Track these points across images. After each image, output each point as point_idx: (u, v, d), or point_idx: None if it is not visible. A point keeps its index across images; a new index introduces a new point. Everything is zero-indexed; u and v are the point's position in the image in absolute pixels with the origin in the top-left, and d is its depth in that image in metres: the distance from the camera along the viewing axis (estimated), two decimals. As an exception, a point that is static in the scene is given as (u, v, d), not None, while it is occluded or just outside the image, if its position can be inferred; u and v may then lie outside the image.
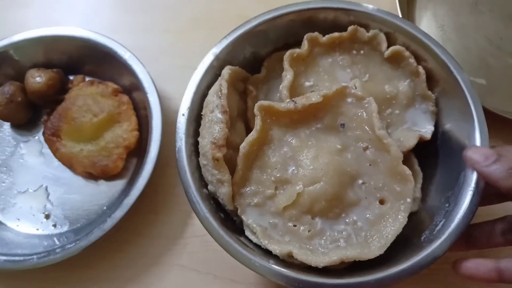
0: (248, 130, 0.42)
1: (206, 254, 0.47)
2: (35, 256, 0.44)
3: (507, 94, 0.53)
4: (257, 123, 0.37)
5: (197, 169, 0.39)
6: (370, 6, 0.43)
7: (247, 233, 0.38)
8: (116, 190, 0.50)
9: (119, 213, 0.44)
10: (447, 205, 0.38)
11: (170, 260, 0.47)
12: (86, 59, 0.54)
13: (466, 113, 0.39)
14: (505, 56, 0.55)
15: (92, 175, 0.50)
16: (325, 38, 0.43)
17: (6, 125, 0.54)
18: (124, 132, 0.50)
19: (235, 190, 0.37)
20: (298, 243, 0.36)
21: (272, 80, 0.46)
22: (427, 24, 0.58)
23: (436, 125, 0.43)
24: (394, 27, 0.43)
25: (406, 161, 0.41)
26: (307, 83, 0.43)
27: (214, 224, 0.36)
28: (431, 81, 0.43)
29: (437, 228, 0.36)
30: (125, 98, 0.52)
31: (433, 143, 0.43)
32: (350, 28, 0.43)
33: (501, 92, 0.54)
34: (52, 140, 0.50)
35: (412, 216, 0.40)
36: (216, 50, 0.43)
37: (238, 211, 0.37)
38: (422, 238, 0.37)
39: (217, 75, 0.42)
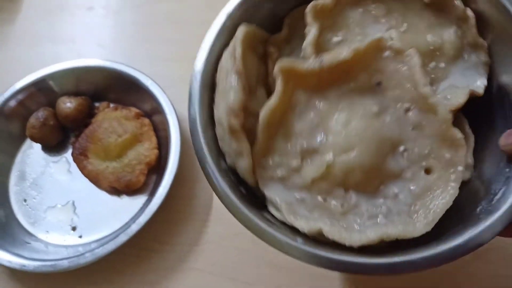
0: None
1: (221, 258, 0.50)
2: (66, 260, 0.47)
3: None
4: (278, 86, 0.33)
5: (214, 141, 0.35)
6: None
7: (271, 209, 0.34)
8: (137, 203, 0.54)
9: (143, 219, 0.49)
10: (507, 169, 0.32)
11: (189, 264, 0.51)
12: (111, 88, 0.60)
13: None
14: None
15: (116, 190, 0.55)
16: (354, -16, 0.37)
17: (37, 147, 0.60)
18: (145, 150, 0.56)
19: (255, 161, 0.33)
20: (329, 220, 0.31)
21: (296, 40, 0.40)
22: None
23: (490, 78, 0.36)
24: (435, -35, 0.36)
25: (454, 122, 0.35)
26: (335, 39, 0.37)
27: (234, 199, 0.32)
28: (482, 26, 0.36)
29: (496, 197, 0.31)
30: (146, 120, 0.58)
31: (487, 99, 0.36)
32: (383, -30, 0.37)
33: None
34: (80, 158, 0.56)
35: (463, 185, 0.35)
36: (228, 8, 0.38)
37: (260, 185, 0.33)
38: (478, 209, 0.32)
39: (233, 36, 0.37)
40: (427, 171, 0.32)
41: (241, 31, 0.36)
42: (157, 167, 0.56)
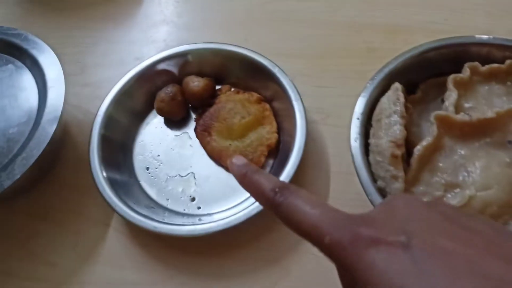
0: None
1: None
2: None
3: None
4: (433, 130, 0.42)
5: (368, 166, 0.44)
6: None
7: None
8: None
9: None
10: None
11: (306, 248, 0.49)
12: (232, 72, 0.62)
13: None
14: None
15: (235, 168, 0.57)
16: (484, 68, 0.48)
17: (160, 122, 0.62)
18: (267, 133, 0.57)
19: (406, 188, 0.42)
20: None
21: (426, 103, 0.51)
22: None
23: None
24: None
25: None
26: (466, 105, 0.47)
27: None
28: None
29: None
30: (267, 105, 0.59)
31: None
32: (507, 61, 0.48)
33: None
34: (204, 135, 0.58)
35: None
36: (388, 68, 0.49)
37: (407, 207, 0.41)
38: None
39: (384, 88, 0.48)
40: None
41: (399, 85, 0.46)
42: (275, 152, 0.56)
